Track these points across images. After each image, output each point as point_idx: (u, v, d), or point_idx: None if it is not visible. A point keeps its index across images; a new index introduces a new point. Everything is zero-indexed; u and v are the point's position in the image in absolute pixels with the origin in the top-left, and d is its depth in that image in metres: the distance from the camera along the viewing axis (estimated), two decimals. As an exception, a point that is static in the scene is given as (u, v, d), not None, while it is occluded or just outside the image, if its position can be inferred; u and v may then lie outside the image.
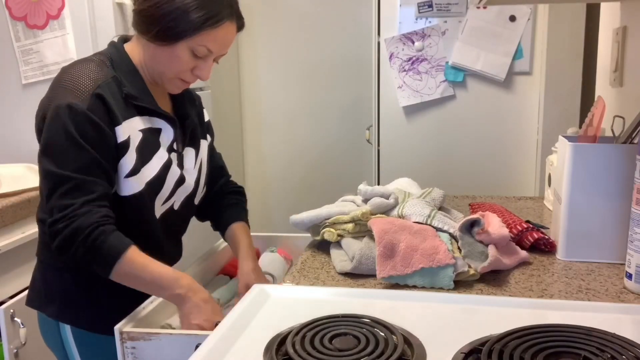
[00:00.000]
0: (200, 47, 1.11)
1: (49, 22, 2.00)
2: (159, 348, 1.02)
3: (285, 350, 0.76)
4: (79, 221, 1.03)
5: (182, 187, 1.21)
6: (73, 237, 1.03)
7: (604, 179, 1.12)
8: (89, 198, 1.05)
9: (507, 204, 1.66)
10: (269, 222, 3.20)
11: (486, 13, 2.30)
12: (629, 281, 1.01)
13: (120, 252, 1.05)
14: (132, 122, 1.12)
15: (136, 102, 1.13)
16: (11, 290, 1.60)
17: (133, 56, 1.17)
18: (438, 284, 1.04)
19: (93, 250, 1.04)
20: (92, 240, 1.03)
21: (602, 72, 1.77)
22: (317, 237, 1.27)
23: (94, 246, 1.03)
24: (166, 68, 1.14)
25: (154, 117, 1.17)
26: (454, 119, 2.42)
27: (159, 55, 1.12)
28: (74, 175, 1.04)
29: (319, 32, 2.96)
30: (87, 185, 1.05)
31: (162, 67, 1.14)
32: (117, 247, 1.05)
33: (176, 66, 1.13)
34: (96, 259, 1.05)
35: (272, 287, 1.02)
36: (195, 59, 1.13)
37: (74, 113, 1.05)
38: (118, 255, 1.05)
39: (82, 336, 1.18)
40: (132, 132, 1.12)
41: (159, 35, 1.09)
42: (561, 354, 0.72)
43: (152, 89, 1.18)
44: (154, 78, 1.17)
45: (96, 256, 1.05)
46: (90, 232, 1.03)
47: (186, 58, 1.11)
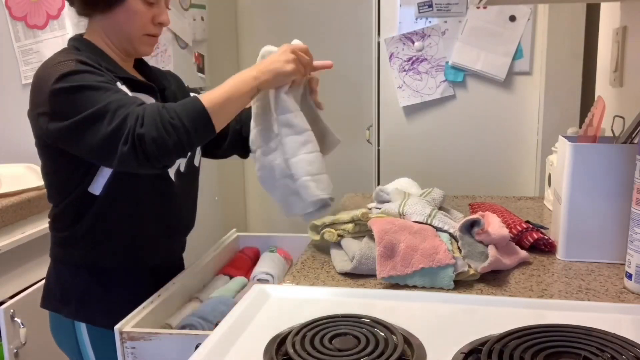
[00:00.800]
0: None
1: (49, 22, 2.00)
2: (159, 348, 1.02)
3: (285, 350, 0.76)
4: (146, 114, 1.00)
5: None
6: (157, 129, 0.99)
7: (604, 179, 1.12)
8: (136, 101, 1.04)
9: (507, 204, 1.66)
10: (269, 222, 3.20)
11: (486, 13, 2.30)
12: (629, 281, 1.01)
13: (198, 102, 1.04)
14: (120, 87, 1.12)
15: (115, 74, 1.13)
16: (11, 290, 1.60)
17: (96, 42, 1.17)
18: (438, 284, 1.04)
19: (182, 124, 1.01)
20: (170, 117, 1.00)
21: (602, 72, 1.77)
22: (317, 238, 1.27)
23: (179, 119, 1.01)
24: (129, 28, 1.15)
25: (133, 91, 1.16)
26: (454, 119, 2.42)
27: (117, 21, 1.14)
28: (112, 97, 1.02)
29: (319, 32, 2.96)
30: (126, 97, 1.03)
31: (125, 29, 1.15)
32: (193, 103, 1.04)
33: (136, 21, 1.14)
34: (195, 125, 1.02)
35: (272, 287, 1.02)
36: (150, 8, 1.15)
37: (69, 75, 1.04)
38: (201, 107, 1.04)
39: (97, 335, 1.18)
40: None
41: (106, 3, 1.12)
42: (561, 354, 0.72)
43: (124, 66, 1.19)
44: (124, 48, 1.18)
45: (192, 123, 1.02)
46: (162, 111, 1.01)
47: (142, 9, 1.13)
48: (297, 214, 1.23)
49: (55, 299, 1.22)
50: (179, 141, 1.01)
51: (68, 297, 1.20)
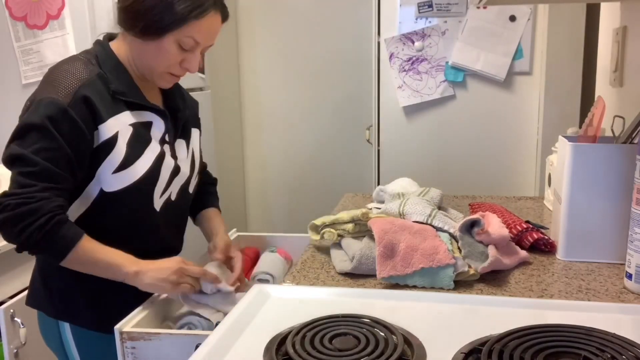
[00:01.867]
0: (186, 39, 1.11)
1: (49, 22, 2.00)
2: (159, 348, 1.02)
3: (285, 350, 0.76)
4: (36, 204, 1.02)
5: (177, 177, 1.21)
6: (28, 216, 1.02)
7: (604, 179, 1.12)
8: (50, 186, 1.05)
9: (507, 204, 1.66)
10: (269, 222, 3.20)
11: (486, 13, 2.30)
12: (629, 281, 1.01)
13: (75, 240, 1.06)
14: (121, 117, 1.12)
15: (124, 98, 1.13)
16: (11, 290, 1.60)
17: (119, 53, 1.17)
18: (438, 284, 1.04)
19: (46, 239, 1.03)
20: (48, 229, 1.03)
21: (602, 72, 1.77)
22: (317, 237, 1.27)
23: (47, 235, 1.03)
24: (154, 62, 1.14)
25: (143, 111, 1.17)
26: (454, 119, 2.42)
27: (146, 50, 1.13)
28: (42, 162, 1.04)
29: (319, 32, 2.96)
30: (53, 176, 1.05)
31: (150, 62, 1.14)
32: (71, 237, 1.06)
33: (164, 60, 1.13)
34: (48, 248, 1.05)
35: (272, 287, 1.02)
36: (182, 52, 1.13)
37: (54, 107, 1.05)
38: (72, 244, 1.05)
39: (81, 335, 1.18)
40: (121, 127, 1.11)
41: (144, 30, 1.10)
42: (561, 354, 0.72)
43: (141, 84, 1.18)
44: (143, 73, 1.17)
45: (48, 245, 1.05)
46: (47, 220, 1.03)
47: (173, 51, 1.12)
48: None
49: (39, 297, 1.22)
50: (24, 233, 1.02)
51: (52, 297, 1.20)
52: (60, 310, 1.19)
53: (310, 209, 3.00)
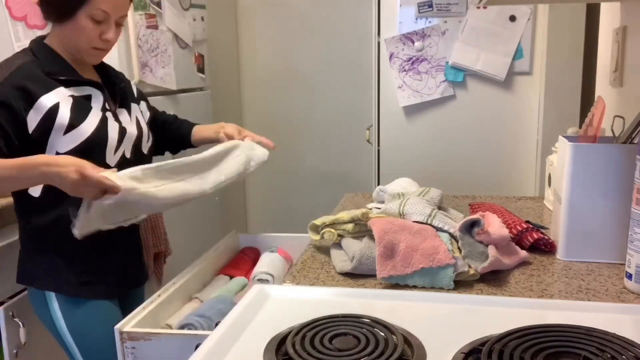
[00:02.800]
0: (96, 12, 1.20)
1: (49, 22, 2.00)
2: (159, 348, 1.03)
3: (285, 350, 0.76)
4: None
5: (126, 136, 1.30)
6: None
7: (604, 179, 1.12)
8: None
9: (507, 204, 1.66)
10: (269, 222, 3.21)
11: (486, 13, 2.30)
12: (629, 281, 1.01)
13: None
14: (59, 91, 1.21)
15: (58, 77, 1.22)
16: (11, 290, 1.60)
17: (53, 45, 1.26)
18: (438, 284, 1.04)
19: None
20: None
21: (602, 72, 1.77)
22: (317, 237, 1.27)
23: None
24: (77, 41, 1.23)
25: (81, 86, 1.26)
26: (454, 119, 2.42)
27: (67, 32, 1.23)
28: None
29: (319, 32, 2.96)
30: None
31: (73, 41, 1.24)
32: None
33: (84, 36, 1.22)
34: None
35: (272, 287, 1.02)
36: (97, 25, 1.22)
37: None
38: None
39: (66, 303, 1.27)
40: (60, 98, 1.20)
41: (59, 14, 1.21)
42: (561, 354, 0.72)
43: (77, 67, 1.28)
44: (74, 55, 1.27)
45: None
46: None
47: (89, 26, 1.21)
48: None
49: (27, 273, 1.31)
50: None
51: (37, 270, 1.29)
52: (45, 281, 1.28)
53: (310, 209, 2.99)
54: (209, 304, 1.23)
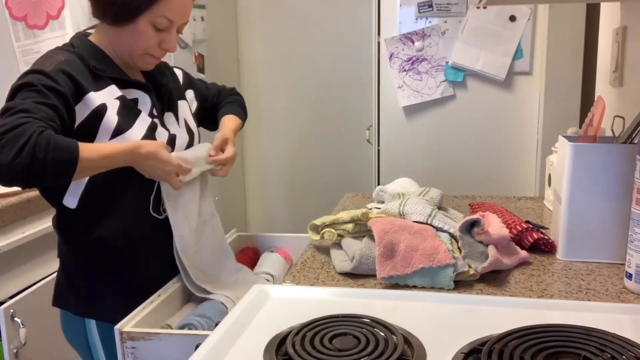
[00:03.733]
0: (160, 19, 1.13)
1: (49, 22, 2.00)
2: (159, 348, 1.02)
3: (285, 350, 0.76)
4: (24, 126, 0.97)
5: (177, 144, 1.23)
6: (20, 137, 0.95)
7: (604, 179, 1.12)
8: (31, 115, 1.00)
9: (507, 204, 1.66)
10: (269, 222, 3.21)
11: (486, 13, 2.30)
12: (629, 281, 1.01)
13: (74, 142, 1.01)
14: (108, 90, 1.14)
15: (105, 74, 1.14)
16: (11, 290, 1.60)
17: (99, 44, 1.18)
18: (438, 284, 1.04)
19: (51, 147, 0.97)
20: (46, 136, 0.97)
21: (602, 72, 1.77)
22: (317, 237, 1.27)
23: (49, 141, 0.97)
24: (132, 46, 1.15)
25: (127, 88, 1.18)
26: (454, 119, 2.42)
27: (122, 36, 1.14)
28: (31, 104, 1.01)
29: (319, 32, 2.96)
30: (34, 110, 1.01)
31: (128, 46, 1.16)
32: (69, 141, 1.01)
33: (142, 42, 1.15)
34: (58, 154, 0.98)
35: (272, 287, 1.02)
36: (158, 33, 1.15)
37: (37, 73, 1.06)
38: (75, 145, 1.01)
39: (107, 331, 1.18)
40: (107, 99, 1.13)
41: (117, 16, 1.12)
42: (561, 354, 0.72)
43: (124, 68, 1.20)
44: (124, 59, 1.19)
45: (56, 151, 0.98)
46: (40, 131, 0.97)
47: (149, 33, 1.14)
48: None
49: (64, 297, 1.23)
50: (29, 169, 0.96)
51: (77, 295, 1.21)
52: (85, 308, 1.20)
53: (310, 209, 2.99)
54: (210, 304, 1.23)
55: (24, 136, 0.96)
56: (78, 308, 1.21)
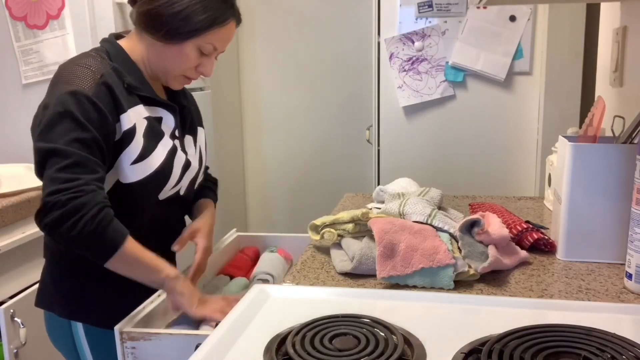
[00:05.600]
0: (207, 45, 1.14)
1: (49, 22, 2.00)
2: (159, 348, 1.02)
3: (285, 350, 0.76)
4: (86, 197, 0.99)
5: (188, 171, 1.23)
6: (77, 212, 0.99)
7: (604, 179, 1.12)
8: (93, 177, 1.02)
9: (507, 204, 1.66)
10: (269, 222, 3.21)
11: (486, 13, 2.30)
12: (629, 281, 1.01)
13: (124, 236, 1.04)
14: (137, 110, 1.13)
15: (138, 92, 1.14)
16: (11, 290, 1.60)
17: (130, 52, 1.17)
18: (438, 284, 1.04)
19: (98, 232, 1.00)
20: (99, 220, 1.00)
21: (602, 72, 1.77)
22: (317, 238, 1.27)
23: (100, 227, 1.00)
24: (172, 66, 1.16)
25: (154, 106, 1.18)
26: (454, 119, 2.42)
27: (166, 53, 1.14)
28: (77, 152, 1.01)
29: (319, 32, 2.96)
30: (89, 164, 1.02)
31: (168, 64, 1.16)
32: (121, 232, 1.04)
33: (183, 64, 1.15)
34: (99, 242, 1.02)
35: (272, 287, 1.02)
36: (200, 56, 1.16)
37: (78, 98, 1.04)
38: (122, 240, 1.03)
39: (94, 334, 1.18)
40: (137, 119, 1.12)
41: (168, 35, 1.11)
42: (561, 354, 0.72)
43: (150, 81, 1.19)
44: (156, 74, 1.19)
45: (100, 239, 1.01)
46: (98, 211, 1.00)
47: (193, 56, 1.14)
48: None
49: (50, 297, 1.21)
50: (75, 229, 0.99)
51: (63, 296, 1.19)
52: (72, 310, 1.18)
53: (310, 209, 3.00)
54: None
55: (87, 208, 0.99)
56: (64, 310, 1.19)
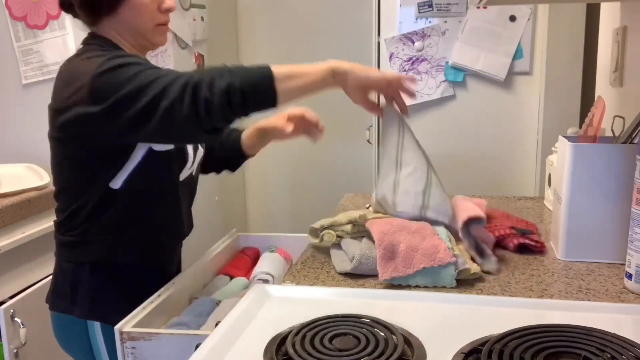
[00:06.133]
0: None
1: (49, 22, 2.00)
2: (159, 348, 1.02)
3: (285, 350, 0.76)
4: (199, 74, 1.00)
5: (198, 152, 1.26)
6: (199, 81, 0.98)
7: (604, 179, 1.12)
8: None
9: (507, 204, 1.66)
10: (269, 222, 3.20)
11: (486, 13, 2.30)
12: (629, 281, 1.01)
13: (264, 66, 1.03)
14: None
15: None
16: (11, 290, 1.60)
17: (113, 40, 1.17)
18: (440, 283, 1.04)
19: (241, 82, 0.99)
20: (230, 73, 1.00)
21: (602, 72, 1.77)
22: (316, 241, 1.27)
23: (236, 74, 1.00)
24: (140, 22, 1.16)
25: None
26: (454, 119, 2.42)
27: (125, 19, 1.14)
28: (160, 69, 1.04)
29: (319, 32, 2.96)
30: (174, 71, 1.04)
31: (135, 25, 1.16)
32: (257, 66, 1.03)
33: (145, 14, 1.15)
34: (254, 88, 1.01)
35: (272, 287, 1.02)
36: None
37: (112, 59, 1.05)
38: (267, 68, 1.03)
39: (112, 333, 1.15)
40: None
41: (110, 4, 1.12)
42: (561, 354, 0.72)
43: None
44: (140, 43, 1.19)
45: (249, 83, 1.00)
46: (218, 71, 1.01)
47: (145, 0, 1.14)
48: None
49: (65, 299, 1.20)
50: (228, 102, 0.98)
51: (79, 297, 1.18)
52: (89, 309, 1.18)
53: (310, 209, 3.00)
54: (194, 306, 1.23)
55: (203, 77, 0.99)
56: (80, 310, 1.18)
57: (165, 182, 1.19)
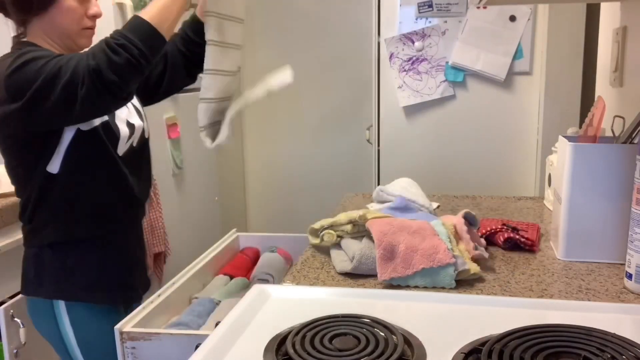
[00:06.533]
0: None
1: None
2: (159, 348, 1.03)
3: (285, 350, 0.76)
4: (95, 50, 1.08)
5: (135, 128, 1.30)
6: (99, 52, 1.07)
7: (604, 179, 1.12)
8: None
9: (507, 203, 1.66)
10: (269, 222, 3.20)
11: (486, 13, 2.30)
12: (629, 281, 1.01)
13: (137, 17, 1.12)
14: None
15: None
16: (11, 290, 1.60)
17: (38, 43, 1.22)
18: (439, 283, 1.04)
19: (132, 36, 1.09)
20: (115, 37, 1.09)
21: (602, 72, 1.77)
22: (316, 241, 1.27)
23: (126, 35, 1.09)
24: (66, 24, 1.21)
25: None
26: (454, 119, 2.42)
27: (53, 20, 1.20)
28: (60, 58, 1.09)
29: (319, 32, 2.96)
30: (75, 54, 1.11)
31: (62, 27, 1.21)
32: (133, 19, 1.12)
33: (73, 18, 1.21)
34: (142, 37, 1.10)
35: (272, 287, 1.02)
36: (81, 3, 1.22)
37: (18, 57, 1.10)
38: (141, 19, 1.11)
39: (76, 310, 1.23)
40: None
41: (40, 5, 1.18)
42: (561, 354, 0.72)
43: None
44: (66, 44, 1.24)
45: (140, 36, 1.09)
46: (109, 39, 1.09)
47: (74, 5, 1.20)
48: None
49: (32, 283, 1.26)
50: (130, 57, 1.07)
51: (44, 279, 1.24)
52: (54, 290, 1.24)
53: (310, 209, 3.00)
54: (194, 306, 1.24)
55: (102, 45, 1.09)
56: (45, 291, 1.24)
57: (101, 159, 1.23)
